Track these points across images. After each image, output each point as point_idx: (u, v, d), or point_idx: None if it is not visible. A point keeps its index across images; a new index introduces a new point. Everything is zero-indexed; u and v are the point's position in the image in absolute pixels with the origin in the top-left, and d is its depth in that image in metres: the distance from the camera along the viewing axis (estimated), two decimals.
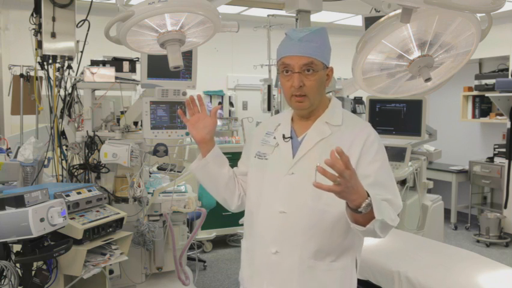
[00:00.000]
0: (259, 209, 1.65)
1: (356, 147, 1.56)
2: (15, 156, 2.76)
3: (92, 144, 2.85)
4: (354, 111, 6.31)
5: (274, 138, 1.69)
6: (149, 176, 3.23)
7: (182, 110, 1.80)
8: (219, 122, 5.67)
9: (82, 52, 2.97)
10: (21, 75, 3.24)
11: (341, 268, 1.59)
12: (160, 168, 3.10)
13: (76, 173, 2.87)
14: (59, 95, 2.90)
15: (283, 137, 1.66)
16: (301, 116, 1.68)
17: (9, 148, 3.00)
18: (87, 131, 2.84)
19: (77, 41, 2.89)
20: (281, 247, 1.58)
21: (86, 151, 2.85)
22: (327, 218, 1.54)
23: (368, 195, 1.36)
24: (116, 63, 2.98)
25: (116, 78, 2.85)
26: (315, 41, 1.56)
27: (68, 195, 2.34)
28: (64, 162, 2.93)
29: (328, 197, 1.43)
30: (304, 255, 1.56)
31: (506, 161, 5.31)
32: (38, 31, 2.83)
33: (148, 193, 2.94)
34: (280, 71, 1.62)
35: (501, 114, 5.66)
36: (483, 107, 6.07)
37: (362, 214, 1.37)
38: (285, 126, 1.69)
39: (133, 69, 3.05)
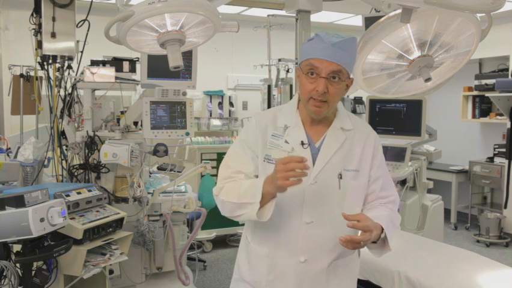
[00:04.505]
0: (281, 218, 1.59)
1: (368, 152, 1.64)
2: (15, 156, 2.75)
3: (92, 144, 2.85)
4: (354, 111, 6.31)
5: (286, 142, 1.61)
6: (149, 176, 3.23)
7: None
8: (219, 122, 5.67)
9: (82, 52, 2.97)
10: (21, 75, 3.24)
11: (354, 260, 1.71)
12: (160, 168, 3.10)
13: (76, 173, 2.87)
14: (59, 95, 2.90)
15: (302, 143, 1.60)
16: (314, 120, 1.63)
17: (9, 148, 3.00)
18: (87, 131, 2.84)
19: (77, 41, 2.89)
20: (310, 256, 1.60)
21: (86, 151, 2.84)
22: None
23: (382, 228, 1.53)
24: (116, 63, 2.98)
25: (116, 78, 2.85)
26: (346, 49, 1.50)
27: (68, 195, 2.34)
28: (64, 162, 2.93)
29: (350, 203, 1.56)
30: (332, 258, 1.62)
31: (506, 161, 5.30)
32: (38, 31, 2.83)
33: (148, 193, 2.94)
34: (305, 72, 1.54)
35: (501, 114, 5.66)
36: (483, 107, 6.07)
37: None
38: (298, 131, 1.62)
39: (133, 69, 3.05)
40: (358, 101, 6.43)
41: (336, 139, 1.61)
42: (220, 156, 5.08)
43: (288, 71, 5.06)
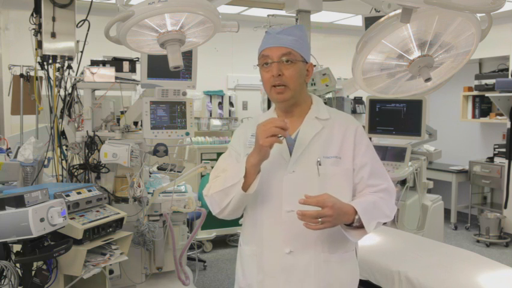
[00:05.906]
0: (262, 212, 1.63)
1: (349, 139, 1.64)
2: (15, 156, 2.75)
3: (92, 144, 2.85)
4: (354, 111, 6.31)
5: None
6: (149, 176, 3.23)
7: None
8: (219, 122, 5.67)
9: (82, 52, 2.96)
10: (21, 75, 3.24)
11: (350, 258, 1.68)
12: (160, 168, 3.10)
13: (76, 173, 2.87)
14: (59, 95, 2.90)
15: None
16: (285, 111, 1.68)
17: (9, 148, 2.99)
18: (87, 131, 2.84)
19: (77, 41, 2.89)
20: (294, 246, 1.59)
21: (86, 151, 2.84)
22: None
23: (356, 211, 1.49)
24: (116, 63, 2.98)
25: (116, 78, 2.85)
26: (292, 34, 1.61)
27: (68, 195, 2.34)
28: (64, 162, 2.93)
29: (333, 191, 1.51)
30: (319, 250, 1.60)
31: (506, 161, 5.31)
32: (38, 31, 2.83)
33: (148, 193, 2.94)
34: (261, 65, 1.65)
35: (501, 114, 5.66)
36: (483, 107, 6.07)
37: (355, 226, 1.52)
38: None
39: (133, 69, 3.05)
40: (358, 101, 6.44)
41: (311, 128, 1.64)
42: (220, 156, 5.07)
43: None
